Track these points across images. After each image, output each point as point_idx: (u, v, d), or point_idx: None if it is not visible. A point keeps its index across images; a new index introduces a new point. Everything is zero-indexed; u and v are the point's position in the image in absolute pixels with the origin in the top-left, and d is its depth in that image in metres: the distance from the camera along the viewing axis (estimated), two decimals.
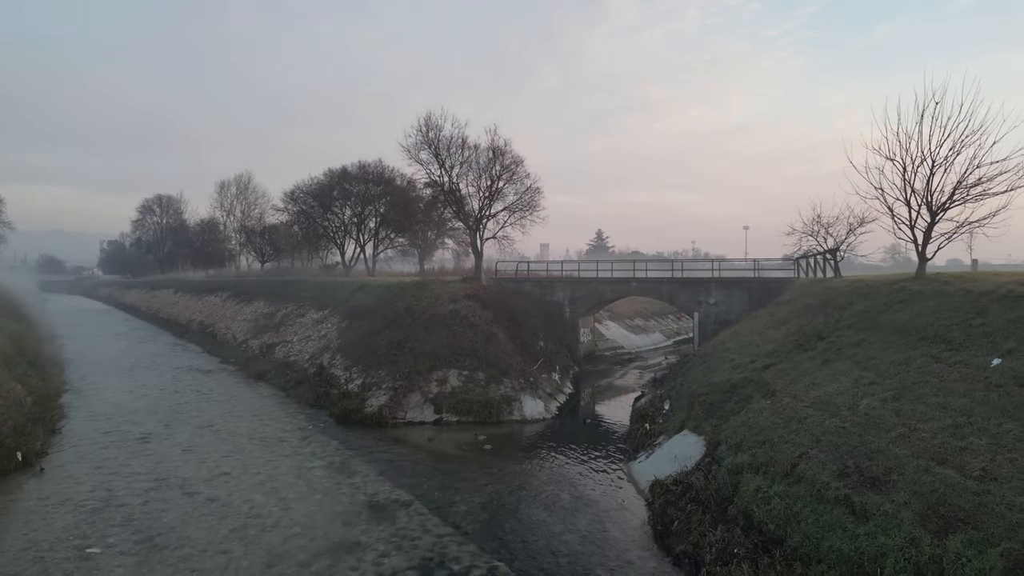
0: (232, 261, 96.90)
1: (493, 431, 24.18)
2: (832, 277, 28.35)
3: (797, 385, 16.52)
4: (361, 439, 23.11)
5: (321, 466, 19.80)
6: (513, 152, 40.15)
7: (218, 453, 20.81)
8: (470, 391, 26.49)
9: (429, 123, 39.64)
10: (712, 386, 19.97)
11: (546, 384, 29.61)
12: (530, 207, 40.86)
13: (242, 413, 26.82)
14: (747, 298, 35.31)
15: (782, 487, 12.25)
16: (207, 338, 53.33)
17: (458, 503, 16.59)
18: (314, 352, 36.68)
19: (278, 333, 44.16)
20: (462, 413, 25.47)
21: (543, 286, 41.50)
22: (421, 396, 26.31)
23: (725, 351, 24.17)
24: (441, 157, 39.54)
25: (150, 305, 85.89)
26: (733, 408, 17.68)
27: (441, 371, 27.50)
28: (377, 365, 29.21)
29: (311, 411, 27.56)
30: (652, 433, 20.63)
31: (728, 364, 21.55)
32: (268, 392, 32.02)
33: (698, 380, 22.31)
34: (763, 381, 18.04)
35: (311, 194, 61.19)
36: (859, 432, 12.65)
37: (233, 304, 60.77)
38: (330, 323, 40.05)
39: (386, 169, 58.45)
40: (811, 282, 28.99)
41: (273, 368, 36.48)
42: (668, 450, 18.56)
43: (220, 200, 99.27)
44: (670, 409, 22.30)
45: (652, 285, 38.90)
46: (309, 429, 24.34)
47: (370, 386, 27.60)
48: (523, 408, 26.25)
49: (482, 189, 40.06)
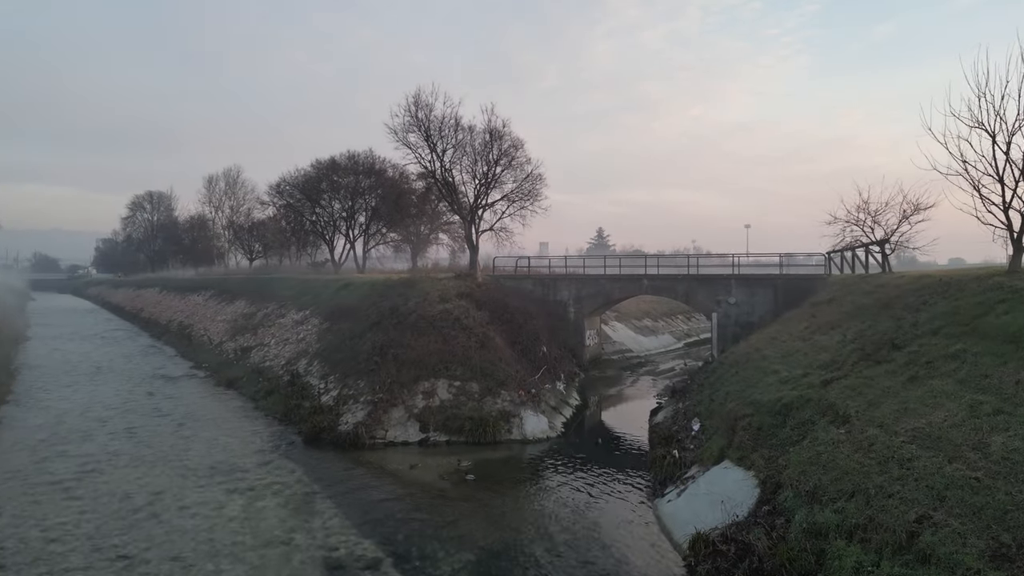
0: (221, 259, 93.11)
1: (488, 454, 20.43)
2: (880, 273, 24.57)
3: (879, 410, 12.77)
4: (331, 465, 19.37)
5: (276, 505, 16.04)
6: (512, 134, 36.11)
7: (152, 489, 17.00)
8: (462, 405, 22.75)
9: (419, 101, 35.62)
10: (757, 405, 16.22)
11: (550, 395, 25.85)
12: (531, 196, 36.82)
13: (197, 432, 23.05)
14: (771, 297, 31.72)
15: (899, 569, 8.50)
16: (183, 340, 49.65)
17: (442, 562, 12.82)
18: (291, 357, 32.92)
19: (255, 335, 40.40)
20: (452, 432, 21.73)
21: (545, 284, 37.73)
22: (404, 411, 22.55)
23: (762, 360, 20.43)
24: (432, 140, 35.25)
25: (134, 304, 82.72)
26: (791, 436, 13.94)
27: (428, 381, 23.74)
28: (356, 374, 25.44)
29: (279, 427, 23.84)
30: (682, 462, 16.88)
31: (772, 377, 17.81)
32: (235, 404, 28.25)
33: (734, 395, 18.56)
34: (827, 401, 14.29)
35: (297, 187, 57.31)
36: (1004, 487, 8.90)
37: (215, 304, 57.28)
38: (310, 324, 36.28)
39: (377, 160, 54.61)
40: (855, 279, 25.24)
41: (246, 375, 32.75)
42: (706, 487, 14.82)
43: (208, 196, 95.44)
44: (700, 431, 18.55)
45: (666, 283, 35.15)
46: (271, 452, 20.60)
47: (346, 398, 23.83)
48: (524, 425, 22.49)
49: (478, 176, 35.96)
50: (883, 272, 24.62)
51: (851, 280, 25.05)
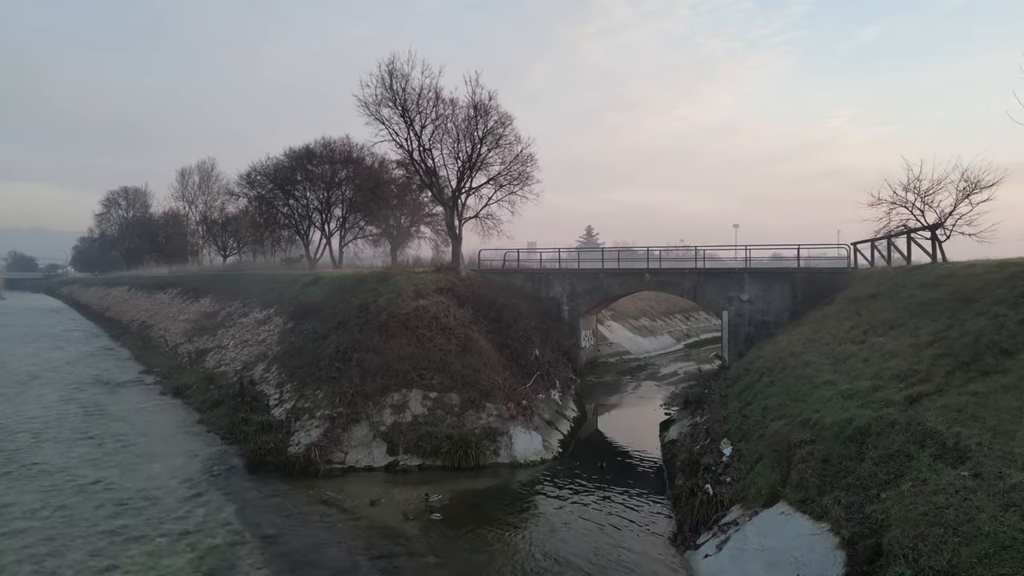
0: (195, 256, 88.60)
1: (468, 483, 16.59)
2: (935, 263, 20.91)
3: (1015, 441, 9.05)
4: (273, 500, 15.47)
5: (190, 560, 12.14)
6: (500, 109, 31.90)
7: (19, 543, 13.01)
8: (439, 421, 18.88)
9: (393, 70, 31.25)
10: (817, 427, 12.47)
11: (544, 407, 22.01)
12: (520, 180, 32.75)
13: (116, 455, 19.06)
14: (789, 293, 28.08)
15: None
16: (140, 341, 45.43)
17: None
18: (248, 361, 28.92)
19: (214, 336, 36.31)
20: (426, 454, 17.88)
21: (536, 279, 33.86)
22: (369, 429, 18.65)
23: (804, 366, 16.69)
24: (409, 115, 31.12)
25: (101, 303, 79.11)
26: (876, 474, 10.22)
27: (399, 392, 19.85)
28: (316, 382, 21.51)
29: (221, 448, 19.91)
30: (717, 500, 13.09)
31: (828, 390, 14.06)
32: (176, 417, 24.22)
33: (776, 412, 14.82)
34: (923, 426, 10.56)
35: (269, 176, 53.10)
36: None
37: (180, 302, 53.30)
38: (273, 324, 32.27)
39: (354, 147, 50.51)
40: (901, 270, 21.58)
41: (197, 381, 28.70)
42: (757, 539, 11.05)
43: (182, 190, 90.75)
44: (733, 457, 14.80)
45: (672, 277, 31.34)
46: (200, 483, 16.64)
47: (301, 413, 19.88)
48: (513, 446, 18.65)
49: (461, 157, 31.83)
50: (935, 262, 20.95)
51: (895, 272, 21.37)
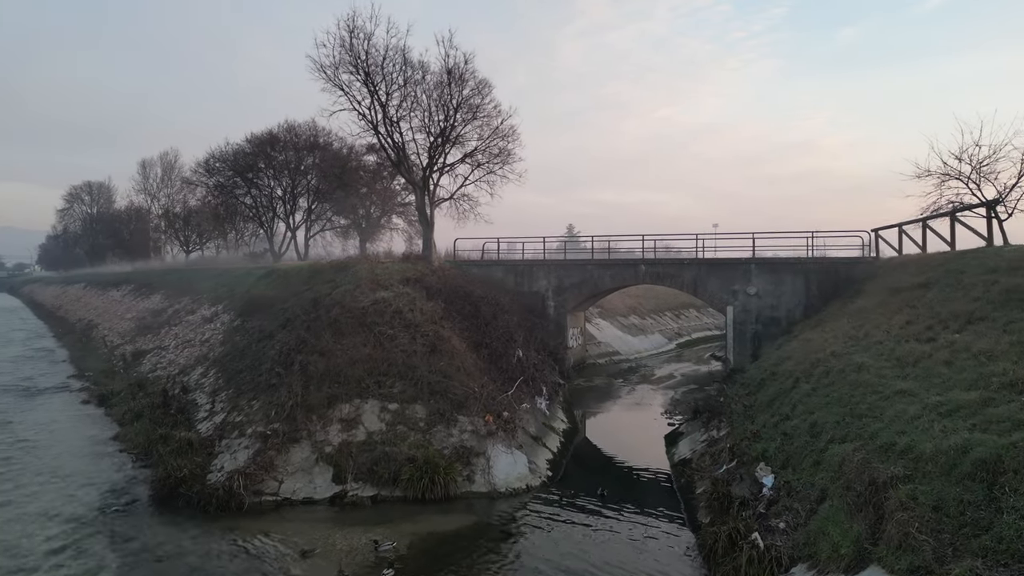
0: (157, 253, 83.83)
1: (434, 522, 12.94)
2: (1000, 246, 17.63)
3: None
4: (174, 550, 11.70)
5: None
6: (477, 76, 27.84)
7: None
8: (399, 440, 15.19)
9: (353, 27, 26.83)
10: (914, 458, 9.03)
11: (529, 419, 18.39)
12: (501, 157, 28.95)
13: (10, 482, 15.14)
14: (803, 287, 25.01)
15: None
16: (81, 342, 41.20)
17: None
18: (186, 364, 25.03)
19: (157, 336, 32.30)
20: (383, 482, 14.20)
21: (519, 272, 30.26)
22: (311, 450, 14.91)
23: (857, 370, 13.24)
24: (374, 80, 27.11)
25: (56, 302, 74.88)
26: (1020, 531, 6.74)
27: (351, 404, 16.12)
28: (253, 391, 17.72)
29: (131, 472, 16.09)
30: (772, 558, 9.57)
31: (905, 402, 10.65)
32: (90, 432, 20.26)
33: (834, 430, 11.37)
34: None
35: (228, 163, 48.90)
36: None
37: (131, 299, 49.36)
38: (219, 322, 28.35)
39: (320, 132, 46.48)
40: (951, 256, 18.30)
41: (126, 388, 24.72)
42: None
43: (144, 183, 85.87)
44: (778, 487, 11.32)
45: (669, 269, 27.92)
46: (89, 524, 12.81)
47: (229, 429, 16.10)
48: (492, 469, 15.02)
49: (433, 130, 27.86)
50: (991, 245, 17.71)
51: (945, 258, 18.06)
